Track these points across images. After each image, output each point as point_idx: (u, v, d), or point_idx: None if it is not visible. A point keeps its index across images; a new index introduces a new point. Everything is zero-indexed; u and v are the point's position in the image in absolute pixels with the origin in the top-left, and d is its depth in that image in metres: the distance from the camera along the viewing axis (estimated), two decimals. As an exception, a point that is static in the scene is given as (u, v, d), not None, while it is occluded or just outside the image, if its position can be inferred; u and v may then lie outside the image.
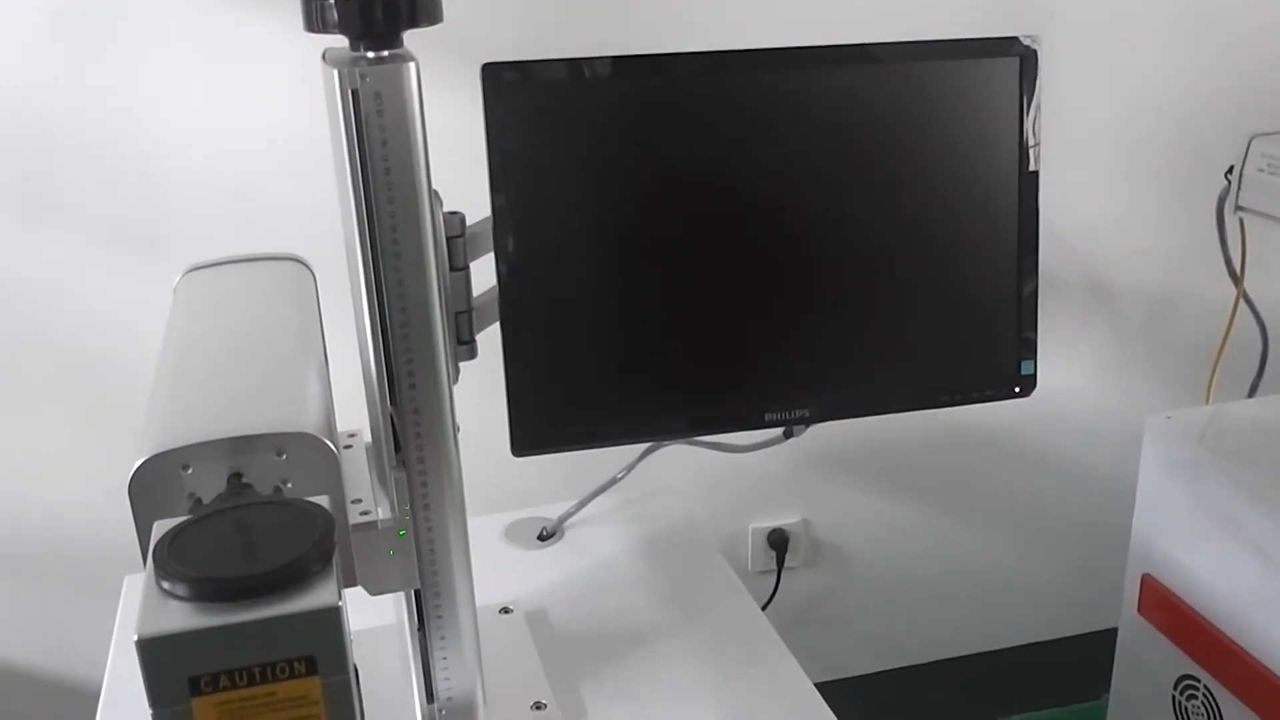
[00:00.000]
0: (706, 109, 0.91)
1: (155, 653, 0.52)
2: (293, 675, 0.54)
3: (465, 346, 0.88)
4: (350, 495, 0.81)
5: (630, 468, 1.17)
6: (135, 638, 0.52)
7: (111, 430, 1.51)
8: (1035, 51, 0.95)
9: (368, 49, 0.73)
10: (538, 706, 0.94)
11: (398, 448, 0.81)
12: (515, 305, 0.89)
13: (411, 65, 0.73)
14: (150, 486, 0.64)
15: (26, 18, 1.37)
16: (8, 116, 1.40)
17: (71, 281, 1.48)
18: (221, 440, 0.65)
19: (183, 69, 1.43)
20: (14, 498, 1.55)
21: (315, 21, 0.73)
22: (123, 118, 1.43)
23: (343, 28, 0.72)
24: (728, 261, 0.93)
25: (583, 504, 1.23)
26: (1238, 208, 1.33)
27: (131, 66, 1.41)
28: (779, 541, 1.87)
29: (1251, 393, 1.56)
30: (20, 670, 1.64)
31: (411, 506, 0.81)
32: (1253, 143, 1.30)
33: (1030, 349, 1.00)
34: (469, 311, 0.87)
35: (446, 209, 0.83)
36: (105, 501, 1.51)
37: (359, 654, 0.77)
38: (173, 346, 0.81)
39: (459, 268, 0.85)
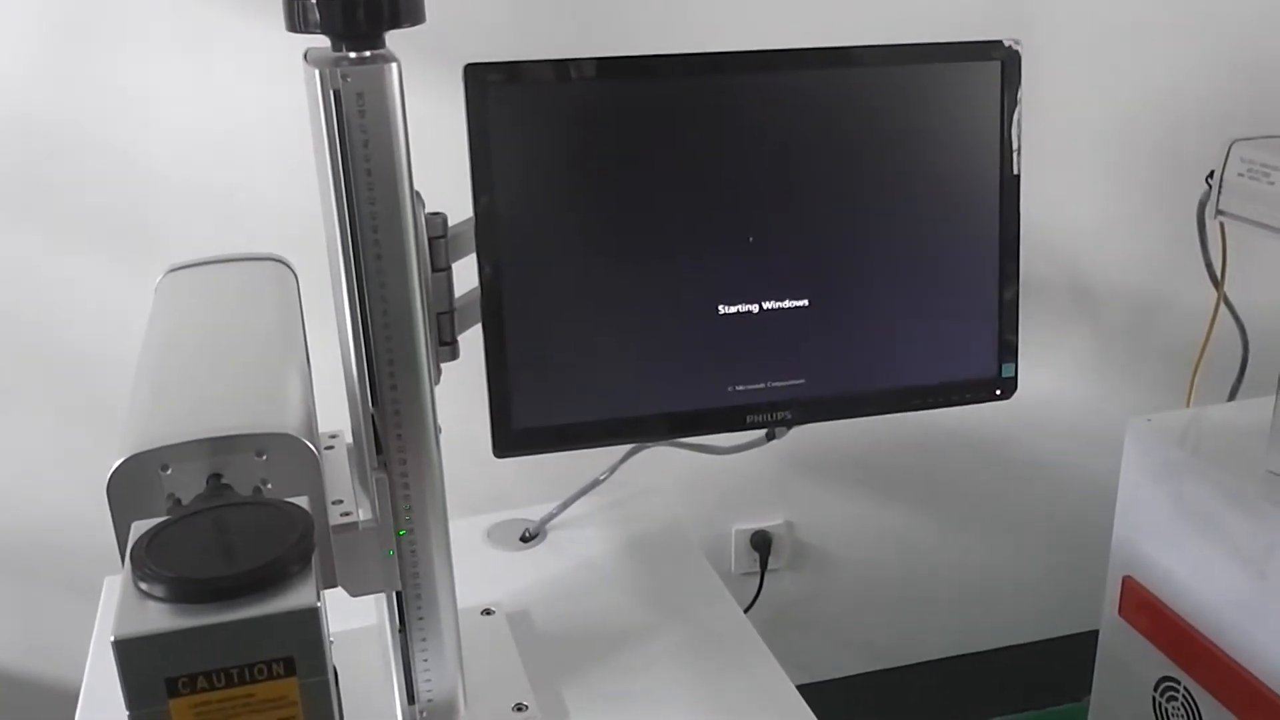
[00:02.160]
0: (690, 111, 0.91)
1: (132, 654, 0.52)
2: (271, 676, 0.53)
3: (447, 348, 0.88)
4: (331, 496, 0.81)
5: (613, 469, 1.17)
6: (112, 638, 0.51)
7: (93, 429, 1.51)
8: (1018, 55, 0.95)
9: (349, 49, 0.73)
10: (519, 708, 0.94)
11: (379, 449, 0.81)
12: (497, 306, 0.89)
13: (394, 66, 0.73)
14: (129, 487, 0.64)
15: (11, 14, 1.36)
16: (-10, 114, 1.40)
17: (55, 279, 1.47)
18: (201, 440, 0.65)
19: (167, 66, 1.42)
20: (-6, 497, 1.54)
21: (297, 21, 0.73)
22: (107, 117, 1.42)
23: (324, 28, 0.72)
24: (710, 264, 0.93)
25: (565, 505, 1.23)
26: (1218, 212, 1.33)
27: (114, 63, 1.41)
28: (762, 543, 1.87)
29: (1232, 396, 1.57)
30: (1, 670, 1.63)
31: (393, 508, 0.81)
32: (1233, 147, 1.31)
33: (1011, 351, 1.00)
34: (451, 312, 0.87)
35: (428, 210, 0.83)
36: (87, 500, 1.49)
37: (340, 655, 0.77)
38: (153, 346, 0.80)
39: (441, 269, 0.85)
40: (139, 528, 0.58)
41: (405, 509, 0.82)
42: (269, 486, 0.66)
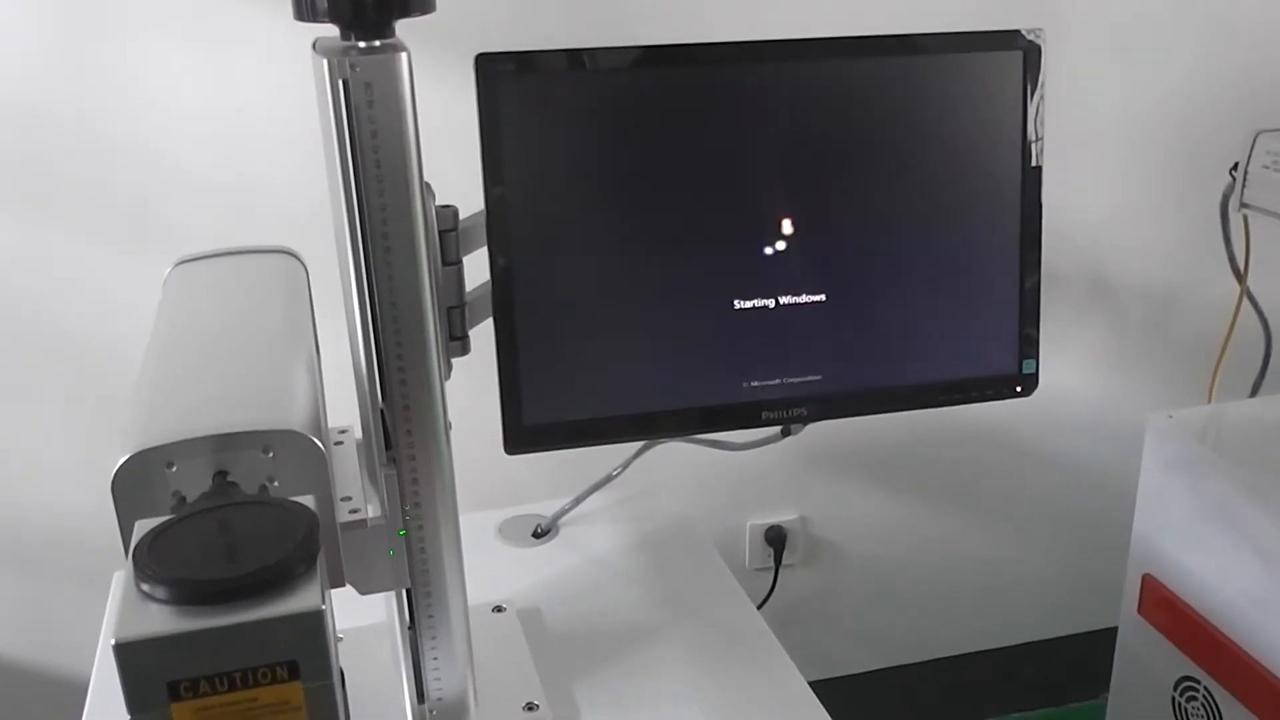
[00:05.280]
0: (705, 101, 0.89)
1: (133, 657, 0.51)
2: (274, 680, 0.52)
3: (458, 342, 0.87)
4: (341, 493, 0.80)
5: (626, 464, 1.15)
6: (112, 642, 0.50)
7: (102, 422, 1.50)
8: (1039, 45, 0.93)
9: (358, 38, 0.72)
10: (530, 707, 0.93)
11: (389, 444, 0.80)
12: (508, 301, 0.88)
13: (403, 55, 0.71)
14: (133, 484, 0.63)
15: (17, 2, 1.35)
16: (-1, 104, 1.39)
17: (66, 272, 1.46)
18: (206, 437, 0.64)
19: (175, 56, 1.41)
20: (5, 490, 1.54)
21: (305, 10, 0.72)
22: (114, 107, 1.41)
23: (333, 16, 0.71)
24: (726, 258, 0.91)
25: (578, 501, 1.22)
26: (1242, 204, 1.32)
27: (122, 53, 1.40)
28: (777, 539, 1.86)
29: (1254, 392, 1.55)
30: (11, 664, 1.63)
31: (402, 504, 0.80)
32: (1258, 139, 1.29)
33: (1032, 347, 0.98)
34: (461, 307, 0.86)
35: (439, 202, 0.82)
36: (96, 494, 1.49)
37: (348, 653, 0.76)
38: (160, 341, 0.79)
39: (451, 262, 0.84)
40: (142, 527, 0.57)
41: (414, 505, 0.80)
42: (275, 484, 0.65)
